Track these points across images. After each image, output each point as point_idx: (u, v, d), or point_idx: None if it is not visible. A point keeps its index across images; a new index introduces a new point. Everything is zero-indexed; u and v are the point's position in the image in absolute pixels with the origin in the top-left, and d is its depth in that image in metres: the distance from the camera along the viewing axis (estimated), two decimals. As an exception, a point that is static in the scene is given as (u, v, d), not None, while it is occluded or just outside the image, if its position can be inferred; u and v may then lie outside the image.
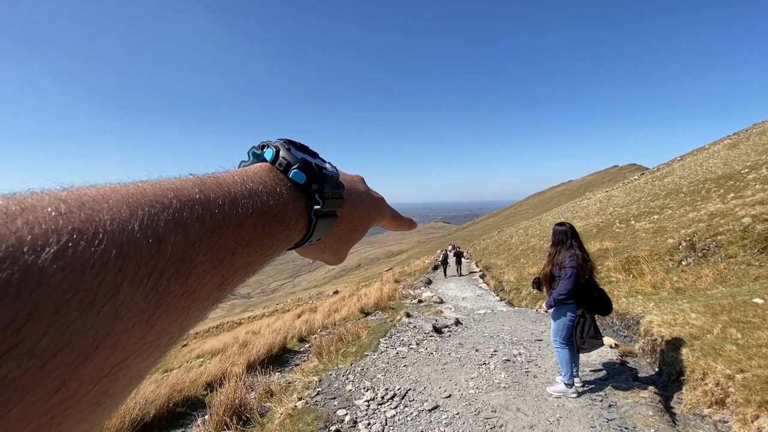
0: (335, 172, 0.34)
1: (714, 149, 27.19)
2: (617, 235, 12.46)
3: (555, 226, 3.65)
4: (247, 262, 0.24)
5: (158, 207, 0.19)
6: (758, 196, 9.26)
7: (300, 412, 3.39)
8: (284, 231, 0.28)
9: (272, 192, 0.27)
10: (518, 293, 10.92)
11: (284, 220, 0.28)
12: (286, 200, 0.28)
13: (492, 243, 30.31)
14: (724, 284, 5.95)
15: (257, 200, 0.25)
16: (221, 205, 0.22)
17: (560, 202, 63.46)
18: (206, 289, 0.21)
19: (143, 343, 0.17)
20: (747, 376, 3.08)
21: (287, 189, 0.29)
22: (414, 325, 6.14)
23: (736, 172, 13.97)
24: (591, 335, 3.46)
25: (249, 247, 0.24)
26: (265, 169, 0.30)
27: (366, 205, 0.39)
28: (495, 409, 3.30)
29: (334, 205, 0.32)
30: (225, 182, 0.25)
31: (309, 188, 0.30)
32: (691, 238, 7.96)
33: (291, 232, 0.29)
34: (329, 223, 0.32)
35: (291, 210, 0.28)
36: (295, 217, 0.29)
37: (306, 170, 0.30)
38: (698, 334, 3.91)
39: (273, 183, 0.28)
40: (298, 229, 0.29)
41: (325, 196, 0.31)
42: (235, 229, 0.22)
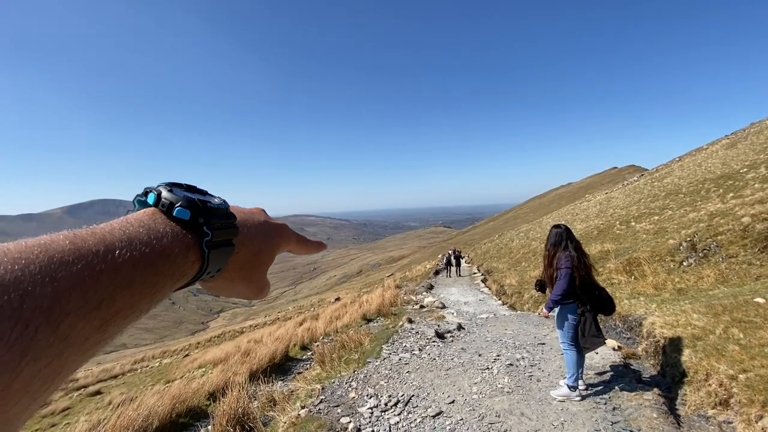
0: (223, 204, 0.35)
1: (712, 149, 27.26)
2: (618, 236, 12.46)
3: (551, 228, 3.71)
4: (129, 303, 0.24)
5: (22, 263, 0.20)
6: (757, 195, 9.27)
7: (303, 420, 3.37)
8: (171, 267, 0.28)
9: (153, 232, 0.28)
10: (520, 297, 10.89)
11: (170, 257, 0.28)
12: (171, 238, 0.29)
13: (493, 247, 30.29)
14: (726, 284, 5.94)
15: (136, 242, 0.26)
16: (95, 252, 0.23)
17: (560, 204, 63.49)
18: (83, 333, 0.21)
19: (8, 392, 0.18)
20: (750, 376, 3.08)
21: (171, 227, 0.30)
22: (416, 331, 6.12)
23: (734, 172, 14.00)
24: (593, 334, 3.48)
25: (130, 288, 0.24)
26: (148, 213, 0.31)
27: (266, 231, 0.40)
28: (499, 414, 3.29)
29: (227, 234, 0.33)
30: (101, 231, 0.25)
31: (196, 222, 0.31)
32: (692, 239, 7.96)
33: (180, 267, 0.29)
34: (226, 252, 0.33)
35: (177, 246, 0.29)
36: (183, 252, 0.29)
37: (189, 206, 0.31)
38: (701, 335, 3.90)
39: (155, 224, 0.29)
40: (190, 262, 0.30)
41: (214, 227, 0.32)
42: (111, 273, 0.23)
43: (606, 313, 3.60)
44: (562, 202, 71.02)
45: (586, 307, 3.51)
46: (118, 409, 4.19)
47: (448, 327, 6.43)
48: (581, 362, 3.58)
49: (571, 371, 3.46)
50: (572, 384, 3.45)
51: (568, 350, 3.50)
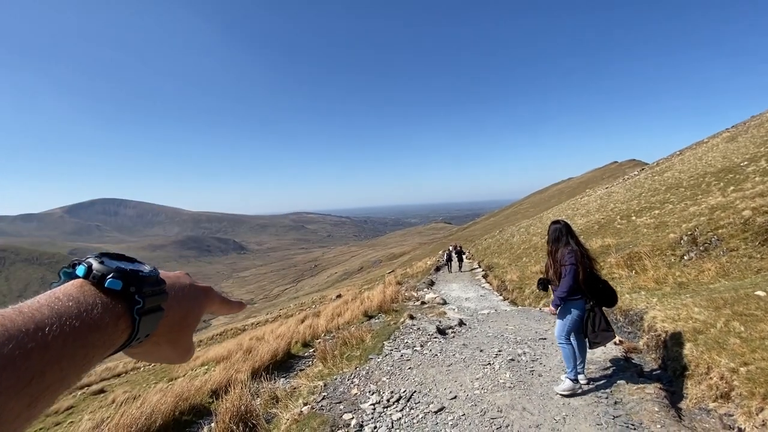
0: (154, 272, 0.36)
1: (713, 143, 27.18)
2: (618, 231, 12.45)
3: (550, 224, 3.69)
4: (59, 377, 0.25)
5: None
6: (758, 188, 9.26)
7: (306, 417, 3.39)
8: (102, 338, 0.29)
9: (83, 305, 0.29)
10: (521, 292, 10.90)
11: (100, 328, 0.29)
12: (101, 309, 0.30)
13: (494, 242, 30.30)
14: (727, 277, 5.94)
15: (65, 317, 0.27)
16: (24, 330, 0.23)
17: (561, 199, 63.46)
18: (13, 412, 0.21)
19: None
20: (751, 368, 3.08)
21: (101, 298, 0.31)
22: (418, 327, 6.14)
23: (735, 165, 13.97)
24: (603, 328, 3.48)
25: (60, 363, 0.25)
26: (76, 285, 0.31)
27: (192, 294, 0.42)
28: (501, 409, 3.30)
29: (157, 300, 0.34)
30: (28, 310, 0.26)
31: (127, 292, 0.32)
32: (693, 233, 7.96)
33: (111, 336, 0.30)
34: (155, 318, 0.34)
35: (108, 316, 0.30)
36: (113, 321, 0.30)
37: (121, 276, 0.32)
38: (702, 329, 3.91)
39: (84, 296, 0.30)
40: (119, 330, 0.31)
41: (145, 294, 0.33)
42: (41, 350, 0.23)
43: (608, 305, 3.59)
44: (562, 197, 70.98)
45: (594, 302, 3.50)
46: (122, 408, 4.21)
47: (449, 323, 6.45)
48: (582, 355, 3.60)
49: (570, 365, 3.48)
50: (573, 377, 3.47)
51: (564, 345, 3.51)
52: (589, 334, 3.49)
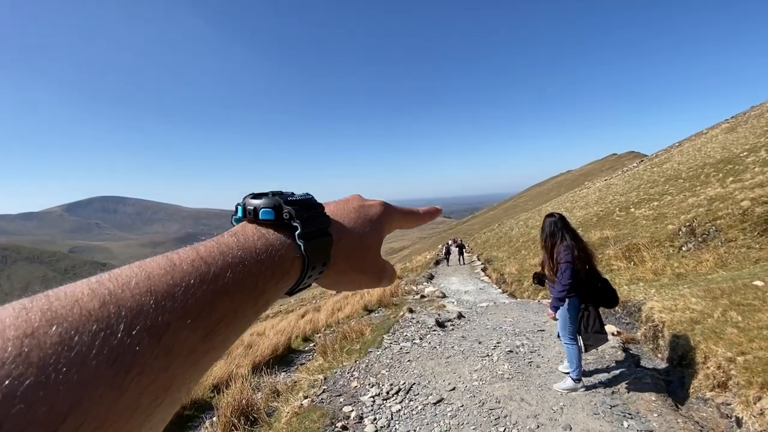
0: (307, 196, 0.35)
1: (712, 134, 27.13)
2: (617, 223, 12.47)
3: (545, 218, 3.49)
4: (231, 309, 0.24)
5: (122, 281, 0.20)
6: (757, 179, 9.25)
7: (306, 410, 3.42)
8: (270, 267, 0.28)
9: (242, 238, 0.28)
10: (520, 285, 10.95)
11: (266, 257, 0.28)
12: (259, 239, 0.29)
13: (492, 236, 30.34)
14: (725, 268, 5.96)
15: (226, 249, 0.26)
16: (186, 264, 0.23)
17: (560, 192, 63.42)
18: (187, 344, 0.21)
19: (117, 409, 0.17)
20: (748, 358, 3.10)
21: (259, 230, 0.30)
22: (417, 320, 6.16)
23: (734, 156, 13.95)
24: (596, 330, 3.29)
25: (229, 294, 0.24)
26: (239, 226, 0.31)
27: (365, 215, 0.39)
28: (499, 400, 3.33)
29: (318, 223, 0.33)
30: (194, 247, 0.26)
31: (282, 220, 0.31)
32: (691, 224, 7.97)
33: (280, 265, 0.29)
34: (324, 243, 0.33)
35: (270, 245, 0.29)
36: (277, 250, 0.29)
37: (272, 206, 0.31)
38: (699, 319, 3.93)
39: (244, 231, 0.30)
40: (289, 259, 0.30)
41: (302, 218, 0.31)
42: (204, 281, 0.23)
43: (608, 306, 3.41)
44: (561, 189, 70.93)
45: (588, 301, 3.33)
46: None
47: (448, 316, 6.47)
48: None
49: (574, 365, 3.35)
50: (576, 377, 3.36)
51: (569, 345, 3.37)
52: (582, 336, 3.32)
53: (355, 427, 3.11)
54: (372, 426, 3.10)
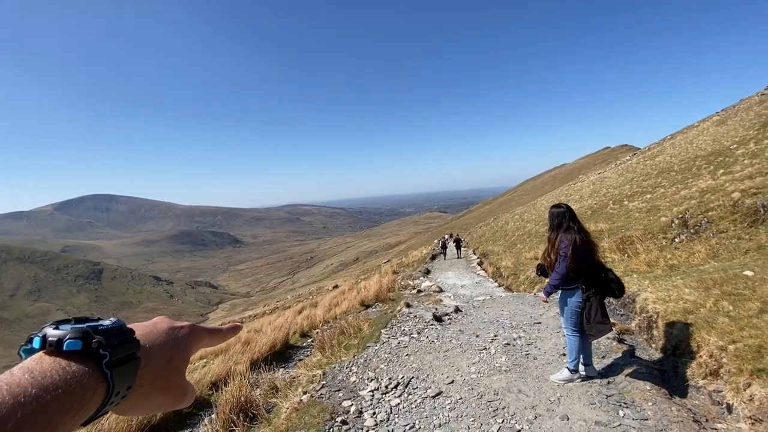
0: (117, 322, 0.35)
1: (703, 126, 27.38)
2: (611, 216, 12.58)
3: (551, 208, 3.47)
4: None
5: None
6: (747, 171, 9.37)
7: (306, 405, 3.44)
8: (67, 402, 0.28)
9: (38, 374, 0.28)
10: (516, 278, 11.02)
11: (65, 392, 0.28)
12: (60, 374, 0.29)
13: (488, 230, 30.48)
14: (716, 259, 6.05)
15: (17, 389, 0.26)
16: None
17: (554, 186, 63.78)
18: None
19: None
20: (739, 346, 3.17)
21: (60, 364, 0.30)
22: (414, 315, 6.20)
23: (725, 148, 14.10)
24: (598, 320, 3.27)
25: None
26: (35, 359, 0.30)
27: (173, 336, 0.40)
28: (497, 392, 3.37)
29: (128, 349, 0.33)
30: None
31: (89, 349, 0.31)
32: (683, 216, 8.06)
33: (80, 396, 0.29)
34: (131, 368, 0.33)
35: (71, 378, 0.29)
36: (79, 382, 0.29)
37: (80, 336, 0.31)
38: (692, 309, 3.99)
39: (41, 366, 0.29)
40: (90, 389, 0.30)
41: (111, 345, 0.31)
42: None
43: (614, 296, 3.34)
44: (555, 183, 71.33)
45: (591, 291, 3.30)
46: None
47: (445, 310, 6.52)
48: (586, 347, 3.45)
49: (572, 355, 3.37)
50: (573, 368, 3.39)
51: (571, 336, 3.38)
52: (585, 326, 3.32)
53: (355, 422, 3.13)
54: (372, 420, 3.12)
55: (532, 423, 2.87)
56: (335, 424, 3.09)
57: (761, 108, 19.77)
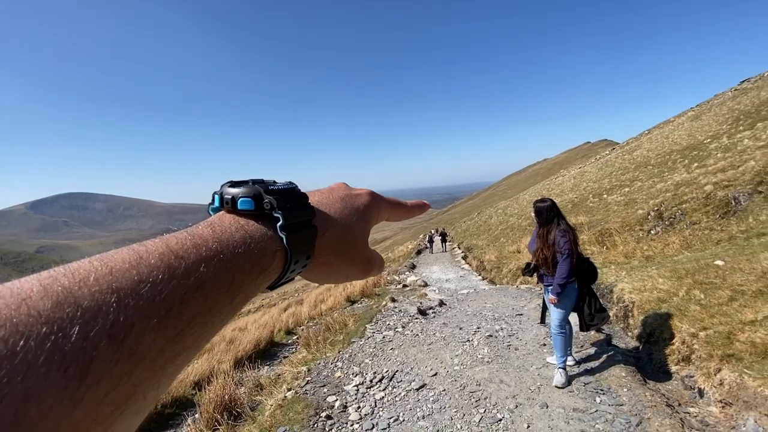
0: (289, 185, 0.33)
1: (679, 121, 28.22)
2: (591, 209, 12.88)
3: (536, 203, 3.42)
4: (205, 307, 0.22)
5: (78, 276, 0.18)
6: (719, 164, 9.72)
7: (290, 401, 3.43)
8: (248, 261, 0.26)
9: (218, 229, 0.26)
10: (499, 272, 11.19)
11: (244, 251, 0.26)
12: (238, 231, 0.27)
13: (472, 224, 30.82)
14: (690, 249, 6.27)
15: (200, 242, 0.24)
16: (154, 256, 0.21)
17: (537, 180, 64.85)
18: (153, 347, 0.18)
19: (71, 422, 0.15)
20: (710, 333, 3.30)
21: (236, 221, 0.28)
22: (399, 309, 6.23)
23: (699, 143, 14.58)
24: (598, 309, 3.33)
25: (202, 290, 0.22)
26: (217, 216, 0.29)
27: (351, 204, 0.37)
28: (479, 383, 3.43)
29: (301, 215, 0.31)
30: (164, 238, 0.23)
31: (263, 210, 0.29)
32: (659, 208, 8.32)
33: (259, 259, 0.27)
34: (308, 235, 0.31)
35: (247, 237, 0.27)
36: (257, 242, 0.27)
37: (251, 195, 0.29)
38: (665, 298, 4.13)
39: (221, 222, 0.27)
40: (270, 253, 0.28)
41: (284, 209, 0.29)
42: (173, 277, 0.20)
43: (591, 283, 3.40)
44: (538, 177, 72.53)
45: (585, 284, 3.31)
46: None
47: (430, 304, 6.57)
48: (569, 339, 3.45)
49: (561, 353, 3.31)
50: (562, 366, 3.33)
51: (559, 334, 3.28)
52: (586, 317, 3.32)
53: (340, 416, 3.14)
54: (356, 414, 3.14)
55: (513, 412, 2.93)
56: (320, 419, 3.09)
57: (734, 103, 20.48)
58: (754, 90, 21.33)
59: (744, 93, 22.93)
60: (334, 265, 0.34)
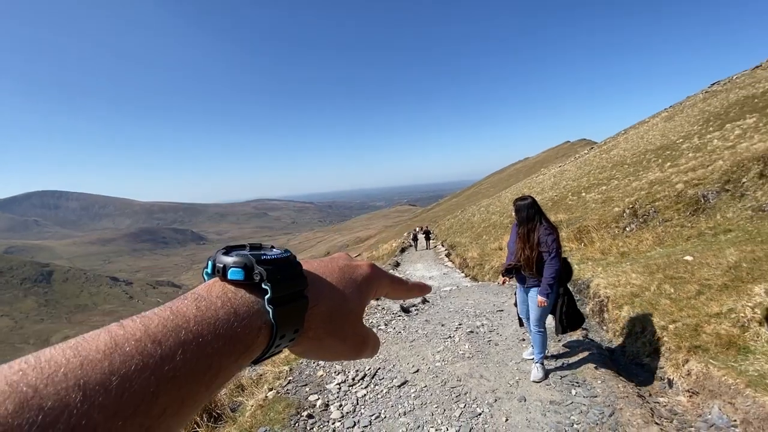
0: (283, 254, 0.31)
1: (653, 122, 29.16)
2: (570, 207, 13.20)
3: (517, 201, 3.33)
4: (177, 398, 0.20)
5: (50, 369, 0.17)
6: (690, 163, 10.11)
7: (271, 401, 3.40)
8: (229, 343, 0.24)
9: (204, 307, 0.24)
10: (481, 269, 11.36)
11: (226, 332, 0.24)
12: (220, 306, 0.25)
13: (456, 222, 31.14)
14: (662, 245, 6.51)
15: (181, 329, 0.22)
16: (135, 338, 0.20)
17: (518, 178, 65.99)
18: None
19: None
20: (678, 325, 3.44)
21: (224, 293, 0.26)
22: (382, 307, 6.25)
23: (672, 143, 15.12)
24: (575, 310, 3.36)
25: (177, 381, 0.20)
26: (205, 287, 0.27)
27: (350, 276, 0.35)
28: (460, 378, 3.48)
29: (292, 286, 0.29)
30: (149, 325, 0.21)
31: (253, 281, 0.27)
32: (634, 206, 8.60)
33: (242, 339, 0.25)
34: (298, 307, 0.29)
35: (232, 314, 0.25)
36: (241, 320, 0.25)
37: (242, 265, 0.28)
38: (638, 292, 4.28)
39: (208, 296, 0.26)
40: (254, 330, 0.26)
41: (275, 280, 0.28)
42: (153, 368, 0.19)
43: (566, 281, 3.41)
44: (519, 176, 73.81)
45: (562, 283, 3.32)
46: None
47: (413, 301, 6.62)
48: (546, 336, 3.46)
49: (540, 350, 3.35)
50: (540, 361, 3.38)
51: (537, 333, 3.31)
52: (565, 318, 3.31)
53: (321, 415, 3.14)
54: (338, 412, 3.14)
55: (492, 406, 2.99)
56: (301, 418, 3.08)
57: (705, 105, 21.30)
58: (724, 92, 22.23)
59: (714, 95, 23.88)
60: (325, 341, 0.32)
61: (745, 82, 21.60)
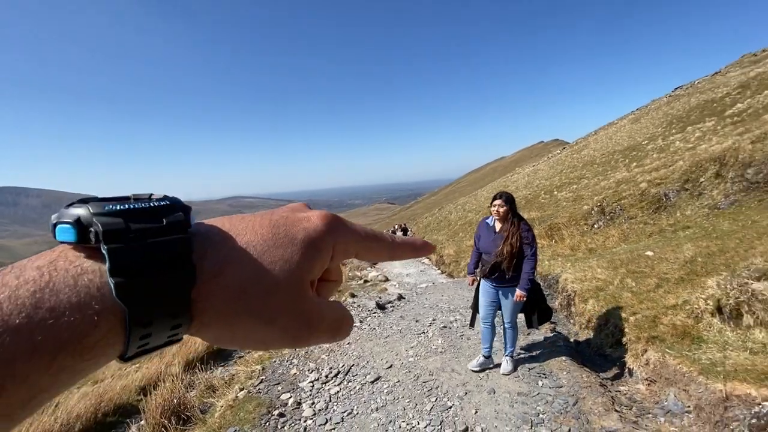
0: (156, 202, 0.22)
1: (621, 124, 30.37)
2: (543, 205, 13.58)
3: (505, 194, 3.27)
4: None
5: None
6: (654, 164, 10.59)
7: (241, 401, 3.34)
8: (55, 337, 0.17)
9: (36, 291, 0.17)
10: (457, 265, 11.53)
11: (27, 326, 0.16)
12: (17, 285, 0.17)
13: (434, 220, 31.47)
14: (626, 242, 6.80)
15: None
16: None
17: (494, 177, 67.29)
18: None
19: None
20: (638, 317, 3.61)
21: (50, 264, 0.18)
22: (358, 304, 6.25)
23: (638, 144, 15.79)
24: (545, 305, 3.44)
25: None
26: (45, 254, 0.19)
27: (287, 233, 0.25)
28: (432, 373, 3.53)
29: (163, 248, 0.20)
30: None
31: (88, 242, 0.19)
32: (602, 204, 8.93)
33: (59, 334, 0.17)
34: (172, 281, 0.20)
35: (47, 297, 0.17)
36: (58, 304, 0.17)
37: (72, 221, 0.19)
38: (602, 286, 4.46)
39: (50, 271, 0.18)
40: (87, 318, 0.18)
41: (125, 238, 0.19)
42: None
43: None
44: (495, 175, 75.29)
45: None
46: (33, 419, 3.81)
47: (389, 298, 6.65)
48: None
49: (513, 344, 3.43)
50: (510, 354, 3.45)
51: (511, 329, 3.36)
52: (537, 313, 3.40)
53: (293, 413, 3.11)
54: (310, 410, 3.12)
55: (462, 399, 3.05)
56: (272, 417, 3.04)
57: (668, 108, 22.35)
58: (686, 96, 23.39)
59: (677, 99, 25.09)
60: (238, 325, 0.22)
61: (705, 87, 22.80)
